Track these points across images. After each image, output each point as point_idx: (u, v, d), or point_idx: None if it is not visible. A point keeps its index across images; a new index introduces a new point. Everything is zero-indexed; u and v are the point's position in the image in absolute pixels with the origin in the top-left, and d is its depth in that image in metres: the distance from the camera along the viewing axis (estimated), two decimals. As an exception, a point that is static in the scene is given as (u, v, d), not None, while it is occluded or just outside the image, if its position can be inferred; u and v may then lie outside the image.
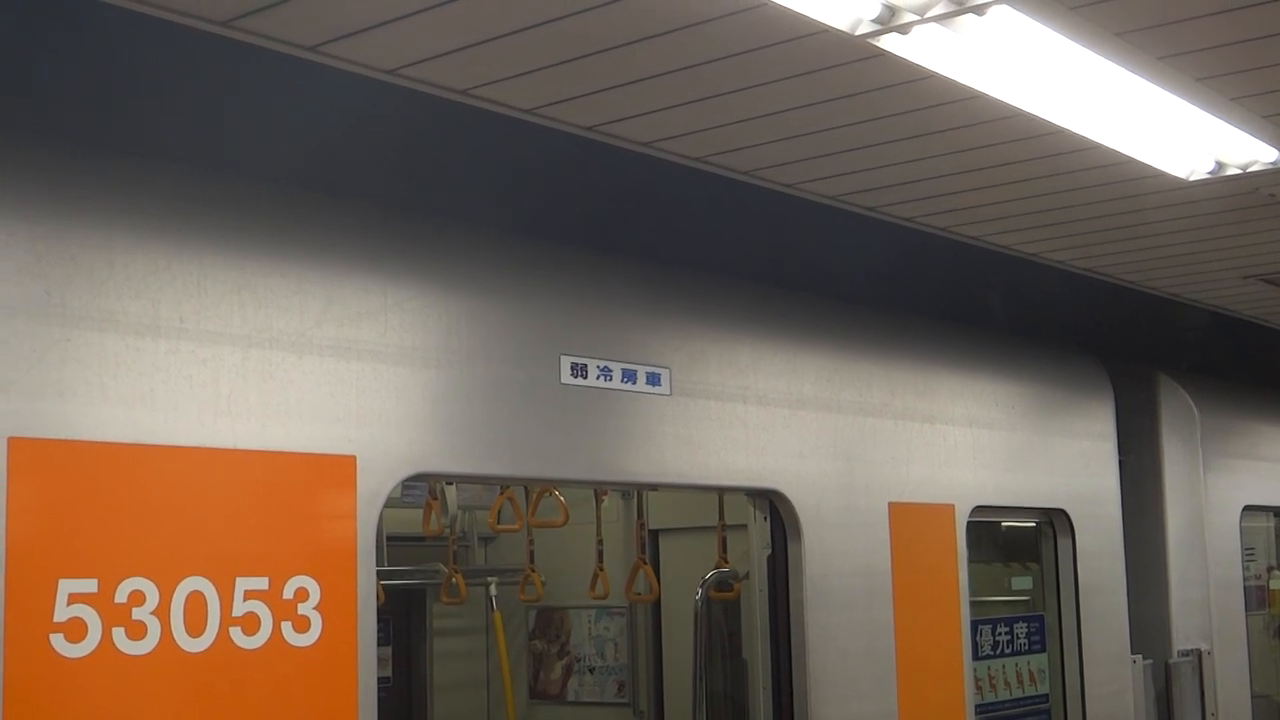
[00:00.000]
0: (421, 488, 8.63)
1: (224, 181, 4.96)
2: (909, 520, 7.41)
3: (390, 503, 5.24)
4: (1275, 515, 11.42)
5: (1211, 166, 6.14)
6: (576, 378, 5.83)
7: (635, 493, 9.01)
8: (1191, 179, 6.24)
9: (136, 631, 4.32)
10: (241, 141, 5.59)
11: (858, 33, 4.56)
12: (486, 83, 4.94)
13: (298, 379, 4.85)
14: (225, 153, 5.28)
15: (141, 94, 5.54)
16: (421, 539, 8.97)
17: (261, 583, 4.64)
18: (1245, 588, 10.40)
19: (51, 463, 4.22)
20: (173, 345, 4.53)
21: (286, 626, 4.69)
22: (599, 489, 8.62)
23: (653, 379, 6.16)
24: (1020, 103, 5.26)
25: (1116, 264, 8.04)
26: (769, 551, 6.85)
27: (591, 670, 9.76)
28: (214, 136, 5.57)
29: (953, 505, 7.74)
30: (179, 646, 4.42)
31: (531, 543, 9.20)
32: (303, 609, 4.74)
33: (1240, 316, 9.72)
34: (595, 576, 8.99)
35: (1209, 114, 5.45)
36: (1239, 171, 6.17)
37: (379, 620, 5.09)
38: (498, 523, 8.73)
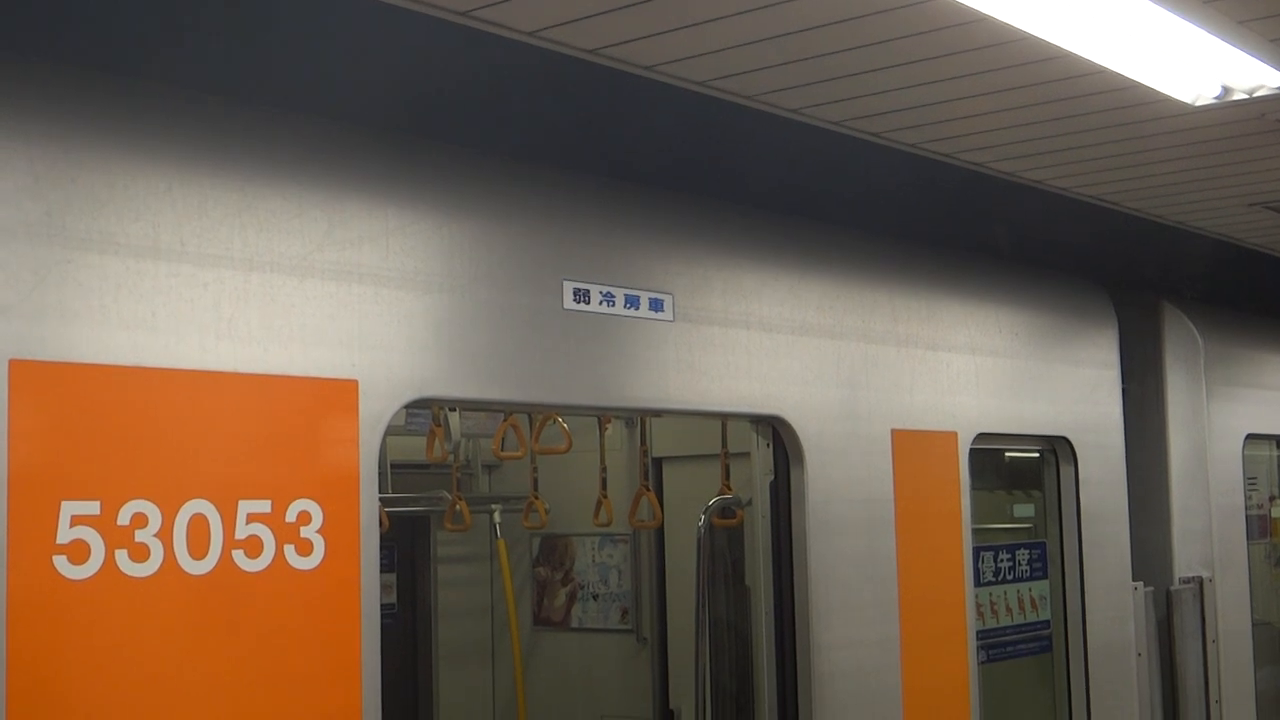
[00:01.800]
0: (425, 415, 8.64)
1: (225, 104, 4.94)
2: (912, 447, 7.42)
3: (394, 430, 5.24)
4: (1278, 444, 11.43)
5: (1218, 91, 6.10)
6: (579, 303, 5.82)
7: (638, 420, 9.02)
8: (1197, 104, 6.21)
9: (139, 554, 4.34)
10: (246, 65, 5.56)
11: (862, -47, 4.53)
12: (488, 5, 4.91)
13: (299, 303, 4.84)
14: (229, 75, 5.25)
15: (141, 16, 5.51)
16: (425, 466, 8.99)
17: (264, 506, 4.65)
18: (1247, 516, 10.42)
19: (53, 385, 4.22)
20: (174, 268, 4.52)
21: (289, 549, 4.70)
22: (602, 416, 8.62)
23: (655, 305, 6.15)
24: (1025, 26, 5.23)
25: (1121, 191, 8.01)
26: (771, 478, 6.86)
27: (595, 597, 9.79)
28: (218, 59, 5.54)
29: (955, 433, 7.75)
30: (181, 569, 4.43)
31: (535, 470, 9.21)
32: (305, 532, 4.75)
33: (1245, 245, 9.70)
34: (599, 504, 9.00)
35: (1216, 37, 5.41)
36: (1245, 96, 6.13)
37: (383, 548, 5.10)
38: (501, 450, 8.74)
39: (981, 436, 7.94)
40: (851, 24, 5.21)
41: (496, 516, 9.72)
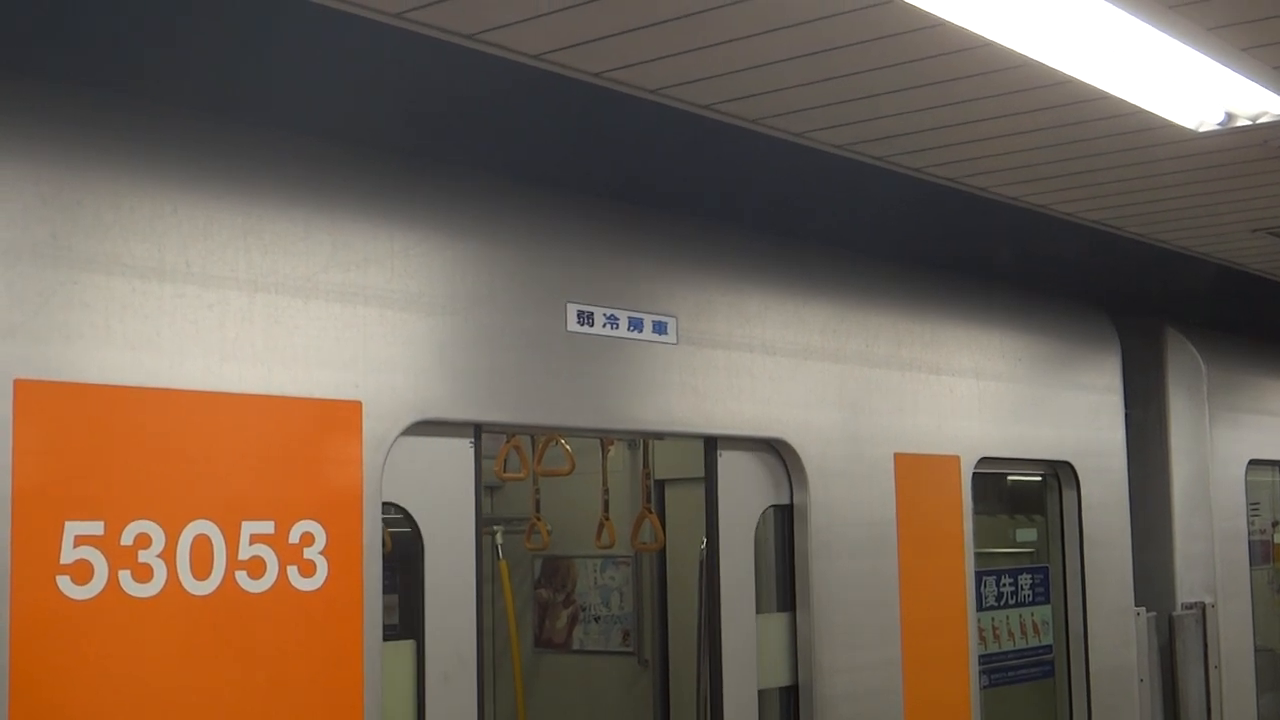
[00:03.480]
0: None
1: (231, 126, 4.95)
2: (914, 471, 7.42)
3: (396, 449, 5.24)
4: (1281, 469, 11.44)
5: (1221, 118, 6.11)
6: (583, 325, 5.83)
7: (641, 442, 9.02)
8: (1201, 130, 6.21)
9: (142, 574, 4.34)
10: (251, 86, 5.57)
11: (867, -21, 4.54)
12: (494, 27, 4.92)
13: (304, 324, 4.85)
14: (234, 97, 5.26)
15: (146, 36, 5.52)
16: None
17: (267, 527, 4.65)
18: (1249, 541, 10.42)
19: (57, 405, 4.23)
20: (179, 289, 4.53)
21: (292, 570, 4.71)
22: (605, 438, 8.63)
23: (659, 327, 6.16)
24: (1029, 52, 5.24)
25: (1125, 216, 8.02)
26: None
27: (597, 619, 9.78)
28: (223, 81, 5.55)
29: (958, 456, 7.75)
30: (185, 589, 4.44)
31: (537, 492, 9.20)
32: (308, 553, 4.76)
33: (1248, 270, 9.69)
34: (601, 526, 8.99)
35: (1219, 64, 5.42)
36: (1249, 123, 6.14)
37: (385, 569, 5.11)
38: (503, 471, 8.73)
39: (984, 460, 7.94)
40: (856, 48, 5.22)
41: (498, 538, 9.71)
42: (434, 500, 5.45)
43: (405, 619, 5.57)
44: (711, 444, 6.57)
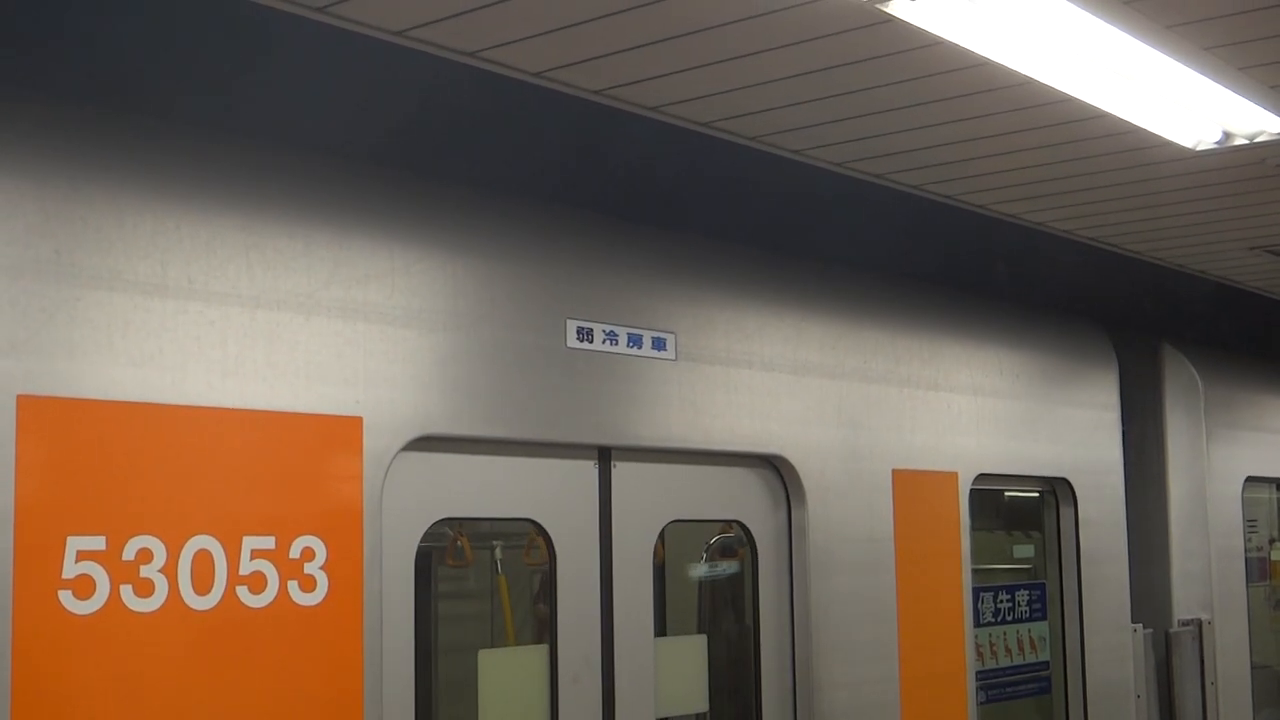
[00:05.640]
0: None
1: (233, 142, 4.97)
2: (912, 487, 7.43)
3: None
4: (1277, 487, 11.44)
5: (1219, 136, 6.14)
6: (582, 341, 5.85)
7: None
8: (1199, 149, 6.24)
9: (144, 589, 4.35)
10: (252, 104, 5.59)
11: (867, -2, 4.56)
12: (495, 45, 4.94)
13: (305, 340, 4.87)
14: (236, 113, 5.28)
15: (150, 53, 5.53)
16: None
17: (268, 542, 4.66)
18: (1247, 559, 10.42)
19: (60, 421, 4.24)
20: (181, 305, 4.55)
21: (293, 585, 4.72)
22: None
23: (658, 344, 6.17)
24: (1028, 70, 5.26)
25: (1123, 234, 8.04)
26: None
27: (594, 634, 9.76)
28: (225, 98, 5.57)
29: (956, 473, 7.76)
30: (186, 604, 4.45)
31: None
32: (309, 568, 4.77)
33: (1245, 288, 9.72)
34: (599, 541, 8.98)
35: (1217, 83, 5.45)
36: (1246, 142, 6.17)
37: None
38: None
39: (982, 477, 7.95)
40: (856, 66, 5.24)
41: (498, 553, 9.69)
42: (564, 516, 5.88)
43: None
44: (605, 454, 6.26)
